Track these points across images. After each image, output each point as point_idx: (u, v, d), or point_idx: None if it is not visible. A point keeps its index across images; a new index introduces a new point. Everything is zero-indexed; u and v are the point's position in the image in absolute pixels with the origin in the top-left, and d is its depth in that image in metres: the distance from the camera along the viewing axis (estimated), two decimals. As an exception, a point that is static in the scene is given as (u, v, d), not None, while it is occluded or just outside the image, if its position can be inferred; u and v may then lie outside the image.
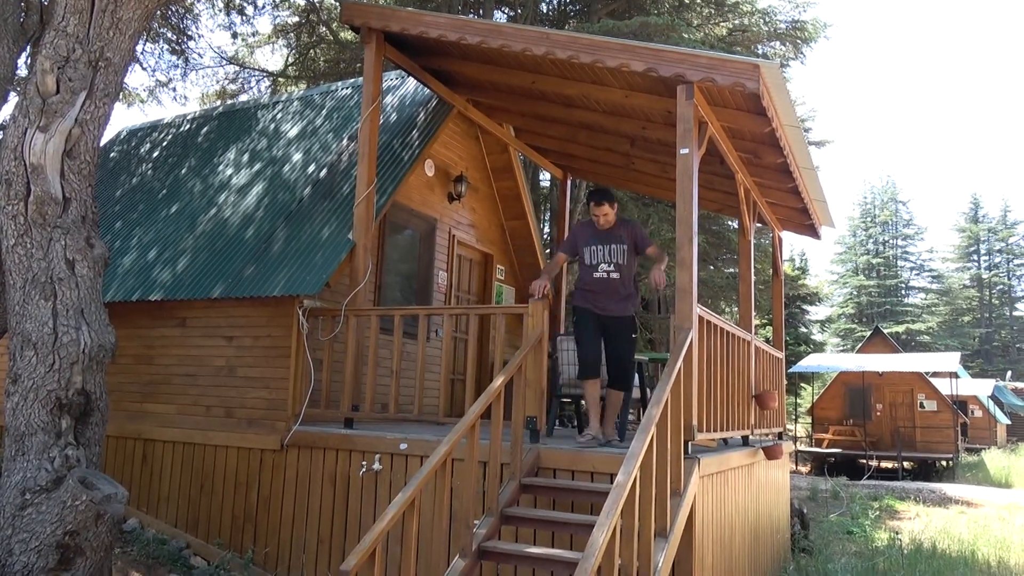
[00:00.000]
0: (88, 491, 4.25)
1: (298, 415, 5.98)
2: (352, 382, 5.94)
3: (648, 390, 6.24)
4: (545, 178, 16.48)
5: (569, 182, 9.91)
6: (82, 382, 4.65)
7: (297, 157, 8.04)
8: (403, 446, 5.40)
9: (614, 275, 5.19)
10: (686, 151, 4.95)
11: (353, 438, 5.66)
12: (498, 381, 4.57)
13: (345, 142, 7.88)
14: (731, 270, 17.43)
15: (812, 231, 8.29)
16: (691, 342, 4.66)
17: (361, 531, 5.32)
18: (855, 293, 53.92)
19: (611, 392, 5.27)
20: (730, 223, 16.23)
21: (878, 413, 23.43)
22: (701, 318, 4.97)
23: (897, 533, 10.13)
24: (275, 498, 5.92)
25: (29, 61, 5.52)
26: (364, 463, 5.53)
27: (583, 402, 7.02)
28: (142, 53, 14.02)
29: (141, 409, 6.77)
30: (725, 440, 6.26)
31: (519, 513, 4.47)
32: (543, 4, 16.37)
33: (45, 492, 4.33)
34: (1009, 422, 33.51)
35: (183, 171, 8.84)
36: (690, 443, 4.64)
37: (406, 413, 6.04)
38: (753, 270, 7.53)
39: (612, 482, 3.51)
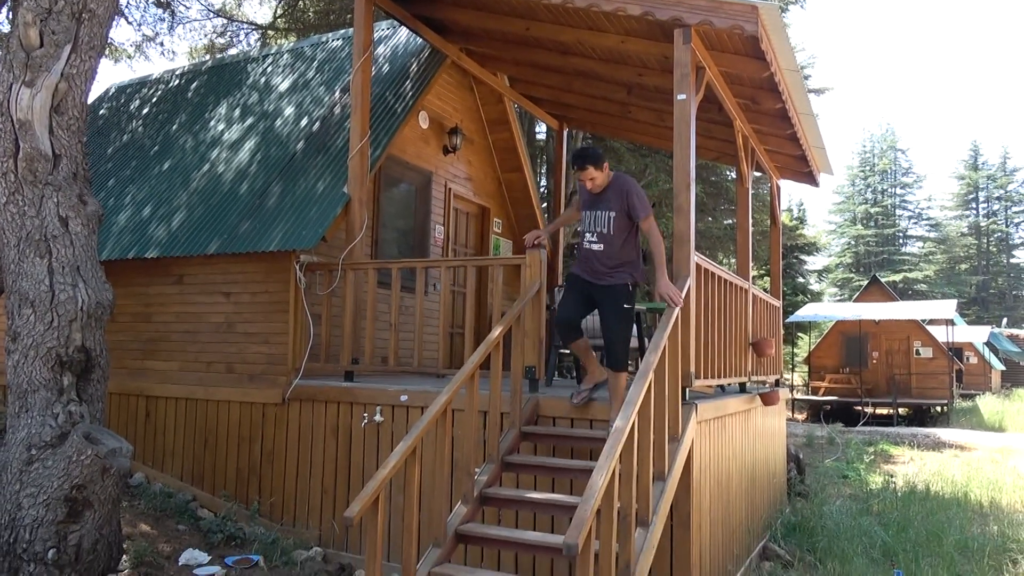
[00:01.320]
0: (93, 446, 4.29)
1: (298, 369, 6.01)
2: (351, 336, 5.97)
3: (646, 339, 6.27)
4: (541, 130, 16.29)
5: (565, 132, 9.79)
6: (81, 339, 4.67)
7: (289, 111, 7.92)
8: (404, 398, 5.45)
9: (597, 247, 4.62)
10: (683, 97, 4.88)
11: (354, 391, 5.70)
12: (497, 331, 4.59)
13: (337, 95, 7.76)
14: (729, 221, 17.36)
15: (810, 179, 8.24)
16: (688, 290, 4.67)
17: (364, 481, 5.40)
18: (853, 243, 53.91)
19: (609, 375, 4.67)
20: (728, 173, 16.11)
21: (874, 361, 23.67)
22: (698, 266, 4.97)
23: (891, 476, 10.32)
24: (278, 451, 6.00)
25: (10, 15, 5.39)
26: (365, 415, 5.59)
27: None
28: (127, 6, 13.69)
29: (142, 366, 6.80)
30: (722, 387, 6.33)
31: (519, 460, 4.54)
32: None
33: (50, 448, 4.38)
34: (1004, 368, 33.90)
35: (174, 127, 8.72)
36: (688, 389, 4.68)
37: (406, 366, 6.08)
38: (751, 219, 7.50)
39: (611, 429, 3.55)
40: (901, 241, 54.80)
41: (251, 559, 5.17)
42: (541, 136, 16.41)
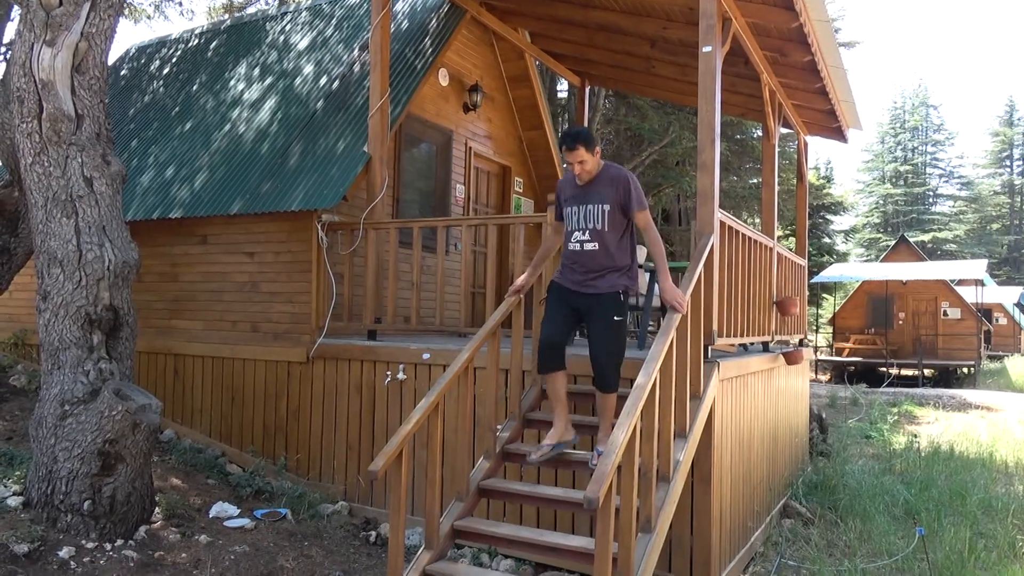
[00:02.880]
0: (123, 402, 4.39)
1: (322, 328, 6.07)
2: (373, 295, 6.00)
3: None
4: (563, 87, 16.05)
5: (587, 89, 9.63)
6: (109, 298, 4.74)
7: (308, 69, 7.87)
8: (426, 356, 5.49)
9: (589, 245, 4.02)
10: (709, 49, 4.75)
11: (377, 349, 5.76)
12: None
13: (356, 52, 7.68)
14: (754, 180, 17.09)
15: (839, 134, 8.04)
16: (712, 247, 4.61)
17: (387, 437, 5.48)
18: (881, 202, 52.85)
19: (597, 395, 4.13)
20: (753, 130, 15.80)
21: (900, 322, 23.38)
22: (723, 223, 4.90)
23: (915, 437, 10.26)
24: (303, 408, 6.10)
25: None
26: (388, 373, 5.65)
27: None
28: (145, -34, 13.58)
29: (169, 325, 6.92)
30: (745, 346, 6.29)
31: (541, 417, 4.57)
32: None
33: (83, 403, 4.49)
34: (1034, 329, 33.30)
35: (195, 87, 8.71)
36: (710, 347, 4.66)
37: (428, 325, 6.11)
38: (777, 177, 7.36)
39: (632, 385, 3.55)
40: (931, 200, 53.60)
41: (279, 512, 5.30)
42: (562, 94, 16.18)
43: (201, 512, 5.13)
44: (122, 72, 10.02)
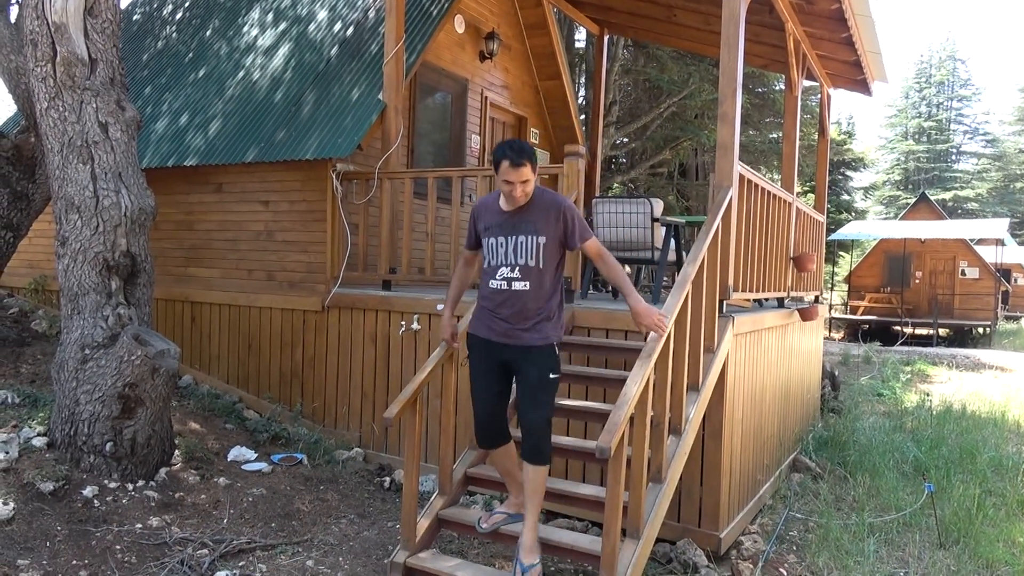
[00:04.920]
0: (142, 347, 4.45)
1: (337, 277, 6.10)
2: (388, 245, 6.00)
3: (684, 253, 6.19)
4: (581, 37, 15.71)
5: (606, 39, 9.42)
6: (127, 244, 4.77)
7: (322, 15, 7.73)
8: (440, 307, 5.50)
9: (519, 284, 3.39)
10: (733, -5, 4.61)
11: (391, 299, 5.78)
12: (533, 241, 4.55)
13: (371, -3, 7.52)
14: (774, 135, 16.79)
15: (864, 87, 7.84)
16: (730, 200, 4.55)
17: (402, 386, 5.54)
18: (903, 159, 51.86)
19: (526, 467, 3.48)
20: (775, 84, 15.46)
21: (917, 281, 23.17)
22: (742, 176, 4.83)
23: (927, 395, 10.26)
24: (319, 356, 6.17)
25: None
26: (403, 323, 5.68)
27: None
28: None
29: (186, 273, 6.97)
30: (760, 301, 6.26)
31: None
32: None
33: (102, 348, 4.56)
34: (1053, 290, 32.92)
35: (208, 33, 8.60)
36: (725, 302, 4.64)
37: (442, 276, 6.12)
38: (798, 131, 7.21)
39: (646, 340, 3.55)
40: (954, 157, 52.49)
41: (295, 457, 5.41)
42: (580, 43, 15.85)
43: (219, 456, 5.24)
44: (135, 17, 9.89)
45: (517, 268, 3.41)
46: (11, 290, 8.05)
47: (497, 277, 3.44)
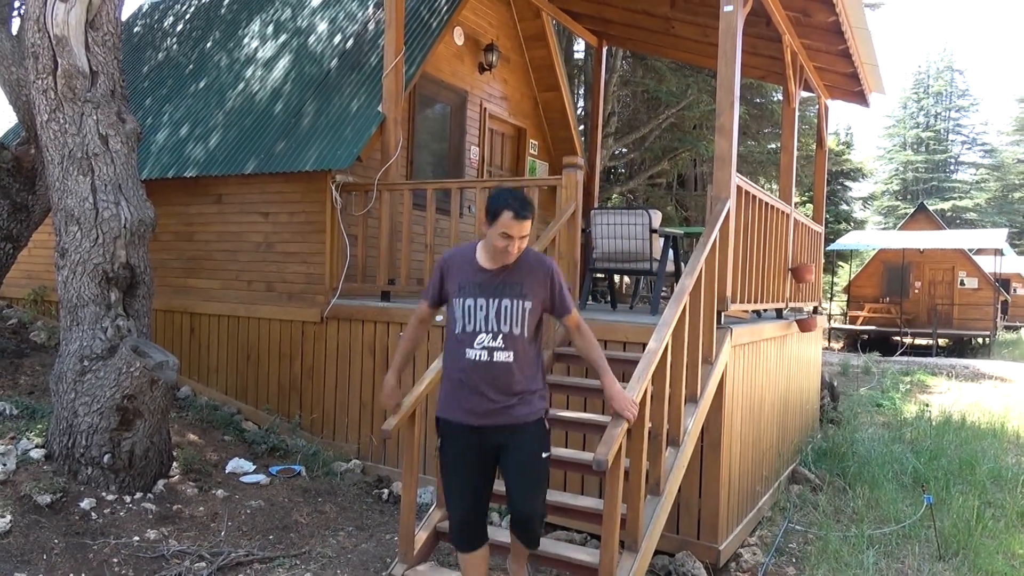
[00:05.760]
0: (141, 358, 4.45)
1: (336, 289, 6.11)
2: (387, 257, 6.01)
3: (682, 263, 6.21)
4: (579, 48, 15.80)
5: (604, 50, 9.46)
6: (126, 256, 4.78)
7: (322, 27, 7.77)
8: (439, 318, 5.50)
9: (502, 355, 2.94)
10: (730, 8, 4.65)
11: (390, 310, 5.79)
12: (531, 253, 4.57)
13: (371, 10, 7.57)
14: (772, 145, 16.85)
15: (861, 98, 7.88)
16: (728, 212, 4.57)
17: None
18: (901, 169, 52.01)
19: (515, 542, 3.22)
20: (773, 95, 15.53)
21: (916, 291, 23.20)
22: (739, 188, 4.85)
23: (927, 406, 10.25)
24: (318, 367, 6.17)
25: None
26: (402, 334, 5.67)
27: (616, 278, 7.00)
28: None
29: (185, 284, 6.98)
30: (758, 312, 6.27)
31: (553, 380, 4.59)
32: None
33: (101, 360, 4.56)
34: (1052, 300, 32.93)
35: (208, 44, 8.64)
36: (723, 313, 4.65)
37: (441, 287, 6.11)
38: (796, 141, 7.24)
39: (644, 351, 3.55)
40: (952, 167, 52.65)
41: (294, 469, 5.40)
42: (579, 54, 15.94)
43: (218, 468, 5.23)
44: (135, 29, 9.95)
45: (500, 336, 2.93)
46: (10, 301, 8.05)
47: (475, 346, 2.93)
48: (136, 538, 4.08)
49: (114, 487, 4.48)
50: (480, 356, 2.94)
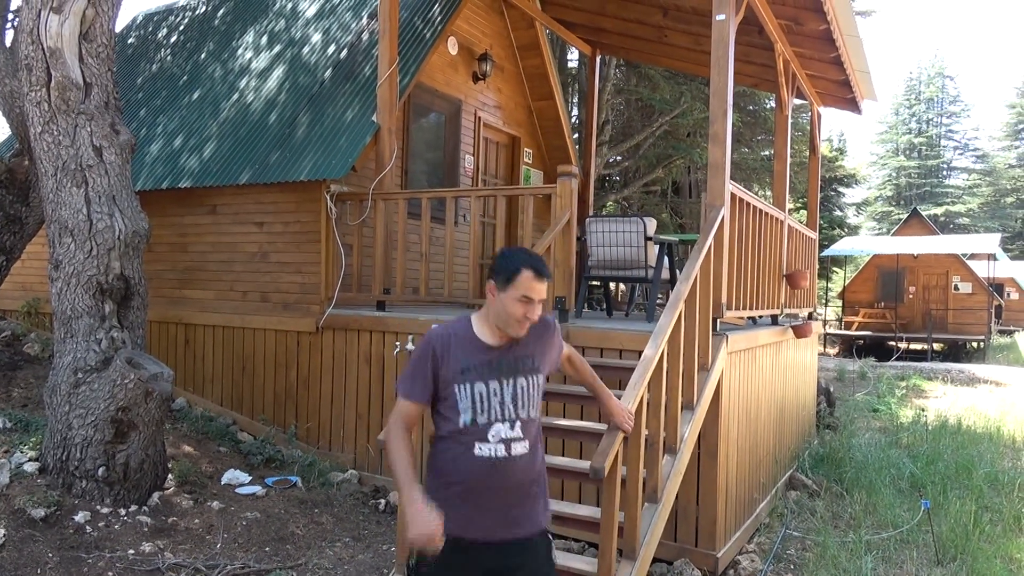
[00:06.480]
0: (135, 370, 4.43)
1: (331, 299, 6.10)
2: (382, 266, 6.01)
3: (677, 270, 6.22)
4: (573, 57, 15.86)
5: (598, 59, 9.51)
6: (120, 267, 4.77)
7: (316, 38, 7.79)
8: (435, 327, 5.50)
9: (520, 447, 2.41)
10: (722, 17, 4.68)
11: (386, 320, 5.78)
12: (526, 261, 4.57)
13: (365, 20, 7.59)
14: (766, 152, 16.92)
15: (853, 105, 7.93)
16: (722, 219, 4.58)
17: (397, 407, 5.52)
18: (894, 174, 52.29)
19: None
20: (766, 102, 15.61)
21: (910, 296, 23.27)
22: (733, 195, 4.87)
23: (923, 410, 10.26)
24: (313, 377, 6.15)
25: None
26: (398, 343, 5.67)
27: (612, 286, 7.02)
28: (151, -68, 13.41)
29: (180, 295, 6.96)
30: (754, 319, 6.28)
31: (549, 388, 4.58)
32: None
33: (95, 372, 4.54)
34: (1046, 304, 33.05)
35: (202, 56, 8.65)
36: (719, 320, 4.65)
37: (436, 296, 6.12)
38: (789, 149, 7.28)
39: (640, 358, 3.55)
40: (945, 173, 52.95)
41: (290, 480, 5.38)
42: (573, 63, 16.00)
43: (213, 479, 5.20)
44: (129, 40, 9.96)
45: (518, 424, 2.41)
46: (3, 313, 8.02)
47: (491, 440, 2.37)
48: (131, 551, 4.05)
49: (109, 500, 4.45)
50: (497, 452, 2.37)
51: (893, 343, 20.88)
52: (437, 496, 2.37)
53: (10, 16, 6.41)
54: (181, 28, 9.53)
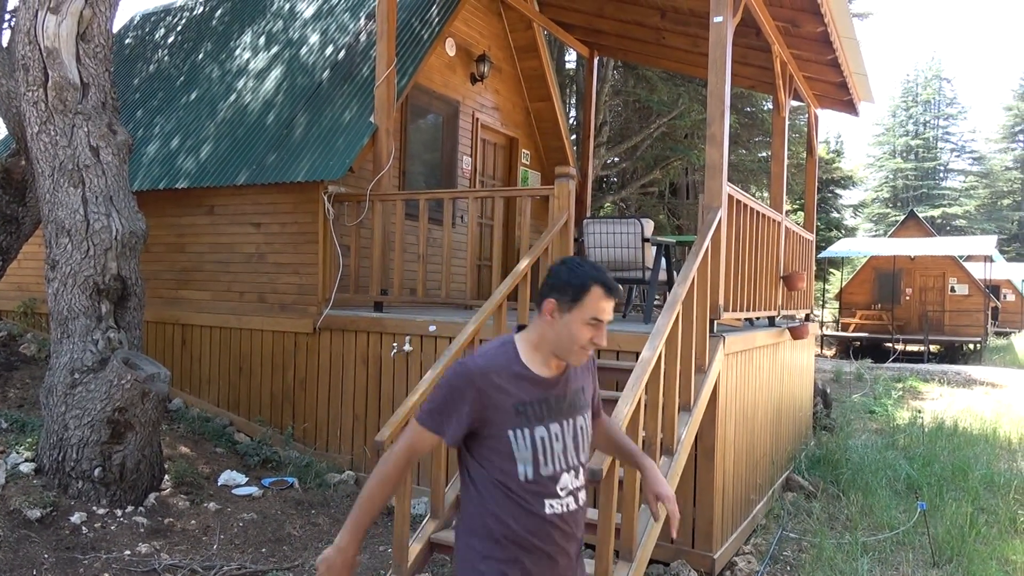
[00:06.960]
0: (132, 371, 4.43)
1: (328, 299, 6.09)
2: (380, 267, 6.01)
3: (674, 272, 6.22)
4: (571, 58, 15.87)
5: (596, 61, 9.51)
6: (117, 268, 4.76)
7: (314, 39, 7.79)
8: (432, 328, 5.51)
9: (583, 497, 2.08)
10: (720, 19, 4.68)
11: (383, 321, 5.78)
12: (524, 262, 4.58)
13: (363, 21, 7.59)
14: (763, 153, 16.93)
15: (850, 107, 7.94)
16: (719, 221, 4.59)
17: (394, 408, 5.52)
18: (891, 176, 52.39)
19: None
20: (763, 104, 15.62)
21: (907, 298, 23.31)
22: (731, 197, 4.87)
23: (919, 412, 10.28)
24: (310, 378, 6.14)
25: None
26: (395, 345, 5.67)
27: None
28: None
29: (177, 296, 6.95)
30: (751, 320, 6.29)
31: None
32: None
33: (92, 372, 4.53)
34: (1042, 306, 33.12)
35: (200, 56, 8.64)
36: (716, 322, 4.66)
37: (434, 297, 6.12)
38: (787, 150, 7.29)
39: (637, 360, 3.56)
40: (942, 175, 53.08)
41: (286, 481, 5.37)
42: (570, 64, 16.01)
43: (210, 480, 5.20)
44: (127, 40, 9.95)
45: (578, 471, 2.05)
46: (0, 313, 8.00)
47: (561, 492, 2.00)
48: (127, 552, 4.04)
49: (105, 501, 4.44)
50: (568, 507, 2.01)
51: (890, 345, 20.91)
52: (491, 555, 1.96)
53: (7, 16, 6.40)
54: (178, 29, 9.52)
